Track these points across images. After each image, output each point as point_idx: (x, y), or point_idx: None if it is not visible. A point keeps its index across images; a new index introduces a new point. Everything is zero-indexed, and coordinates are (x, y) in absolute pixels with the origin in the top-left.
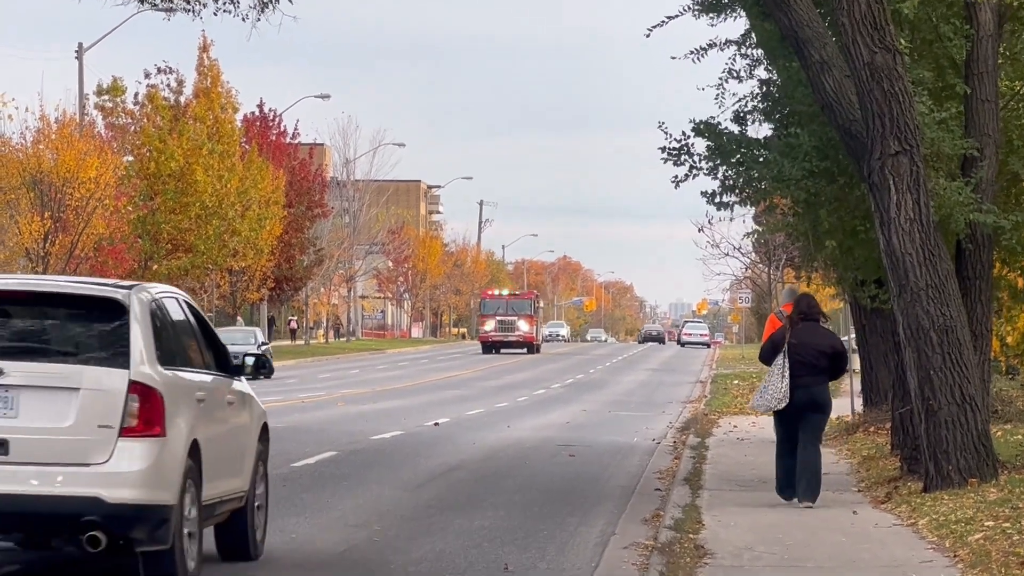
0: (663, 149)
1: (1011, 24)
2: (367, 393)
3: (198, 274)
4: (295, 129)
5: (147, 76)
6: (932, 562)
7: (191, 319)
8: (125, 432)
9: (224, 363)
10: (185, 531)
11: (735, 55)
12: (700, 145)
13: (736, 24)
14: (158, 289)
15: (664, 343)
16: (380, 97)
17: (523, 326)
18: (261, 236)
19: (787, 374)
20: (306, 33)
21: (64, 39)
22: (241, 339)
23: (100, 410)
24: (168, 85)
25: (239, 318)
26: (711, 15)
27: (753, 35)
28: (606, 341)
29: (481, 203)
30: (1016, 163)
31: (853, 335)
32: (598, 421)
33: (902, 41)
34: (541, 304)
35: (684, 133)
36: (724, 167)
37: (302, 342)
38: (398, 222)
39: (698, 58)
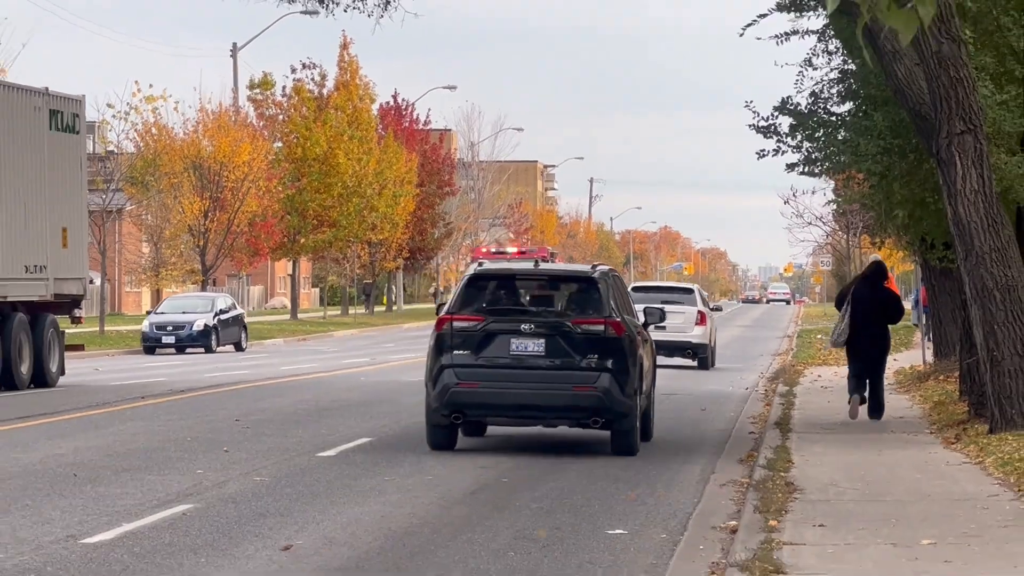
0: (751, 126)
1: None
2: None
3: (340, 246)
4: (426, 116)
5: (293, 71)
6: (998, 496)
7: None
8: (696, 323)
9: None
10: (713, 353)
11: (815, 47)
12: (786, 124)
13: (816, 19)
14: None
15: (757, 302)
16: (500, 83)
17: None
18: (396, 212)
19: (847, 317)
20: (435, 27)
21: (216, 36)
22: (198, 307)
23: (690, 317)
24: (312, 79)
25: (374, 282)
26: (794, 12)
27: (831, 29)
28: None
29: (591, 180)
30: None
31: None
32: (697, 372)
33: (966, 32)
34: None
35: (772, 113)
36: (807, 142)
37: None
38: (516, 198)
39: (781, 42)
